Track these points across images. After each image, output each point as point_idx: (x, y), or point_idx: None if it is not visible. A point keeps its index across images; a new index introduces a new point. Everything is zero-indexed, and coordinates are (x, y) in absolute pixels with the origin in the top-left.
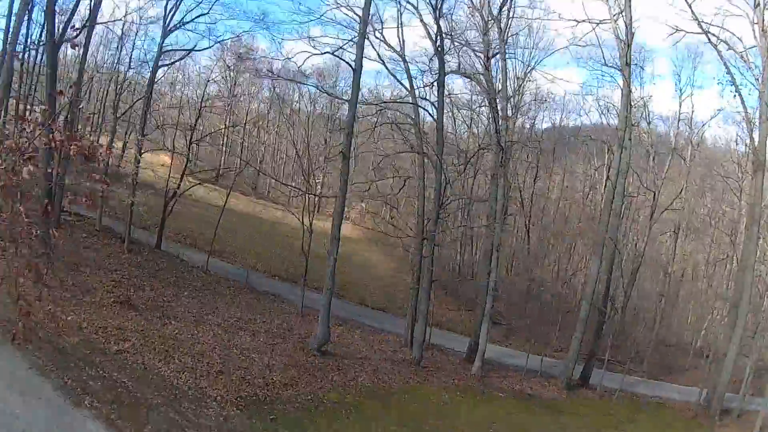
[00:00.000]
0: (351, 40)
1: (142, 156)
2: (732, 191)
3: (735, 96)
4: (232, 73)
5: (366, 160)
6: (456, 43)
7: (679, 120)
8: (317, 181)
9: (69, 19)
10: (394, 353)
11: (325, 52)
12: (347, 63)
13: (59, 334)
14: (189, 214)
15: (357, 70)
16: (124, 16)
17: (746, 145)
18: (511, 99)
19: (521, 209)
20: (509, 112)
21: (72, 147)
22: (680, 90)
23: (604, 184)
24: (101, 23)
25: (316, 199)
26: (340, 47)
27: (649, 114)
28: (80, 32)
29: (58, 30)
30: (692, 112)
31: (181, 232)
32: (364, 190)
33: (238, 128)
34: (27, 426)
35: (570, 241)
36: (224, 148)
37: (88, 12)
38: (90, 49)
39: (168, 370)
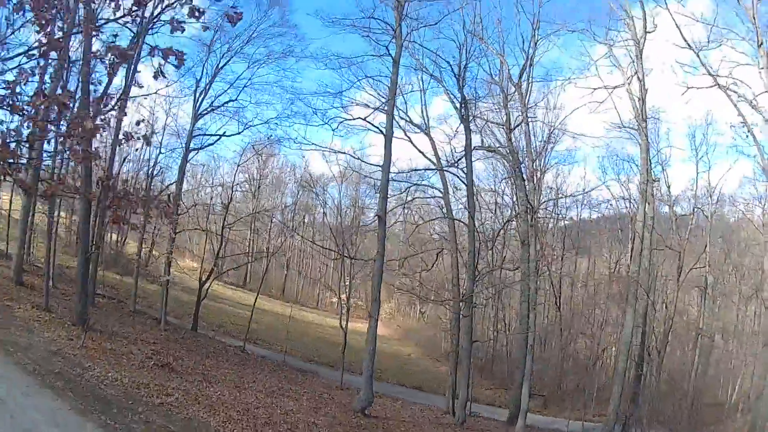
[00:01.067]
0: (379, 108)
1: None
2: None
3: (747, 136)
4: (256, 175)
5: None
6: (477, 120)
7: (697, 178)
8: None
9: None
10: (437, 418)
11: (357, 118)
12: (379, 129)
13: (99, 386)
14: (220, 309)
15: (388, 137)
16: (156, 92)
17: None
18: (536, 162)
19: (551, 287)
20: (535, 178)
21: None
22: (696, 150)
23: (629, 257)
24: (134, 96)
25: (346, 300)
26: (363, 119)
27: (667, 177)
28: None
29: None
30: (709, 170)
31: (214, 322)
32: (398, 267)
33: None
34: None
35: (600, 317)
36: (250, 254)
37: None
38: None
39: (214, 421)
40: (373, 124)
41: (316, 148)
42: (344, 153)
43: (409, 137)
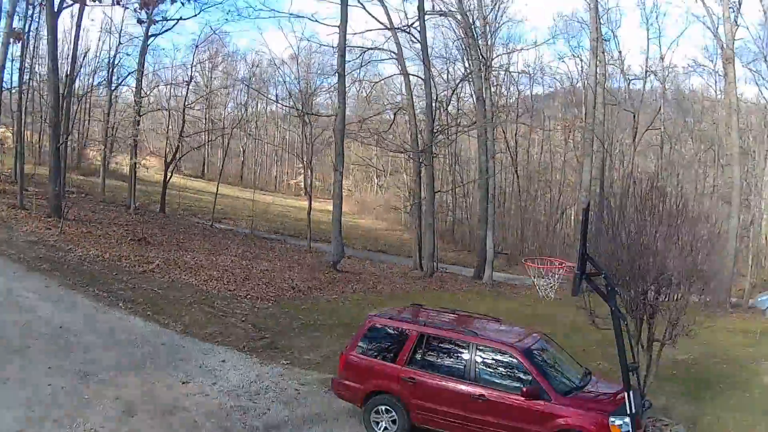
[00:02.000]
0: None
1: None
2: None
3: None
4: (207, 72)
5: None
6: None
7: (648, 44)
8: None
9: None
10: (405, 274)
11: None
12: None
13: (83, 264)
14: (183, 197)
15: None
16: None
17: (714, 43)
18: (488, 20)
19: (507, 150)
20: (488, 33)
21: None
22: (646, 18)
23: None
24: None
25: (309, 162)
26: None
27: (618, 43)
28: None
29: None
30: (659, 36)
31: (179, 206)
32: (357, 129)
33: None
34: (69, 325)
35: (559, 181)
36: (207, 146)
37: None
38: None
39: (196, 281)
40: None
41: (274, 14)
42: (302, 17)
43: (362, 4)
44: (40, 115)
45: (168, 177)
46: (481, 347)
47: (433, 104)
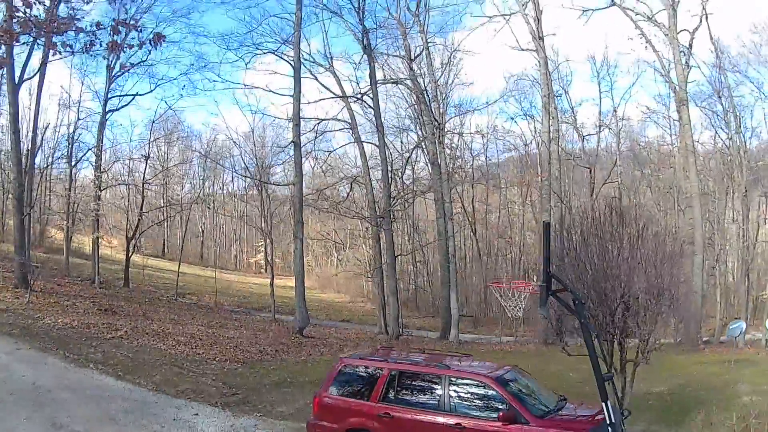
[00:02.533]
0: (286, 42)
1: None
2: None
3: (646, 48)
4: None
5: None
6: (378, 56)
7: (600, 97)
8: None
9: (26, 62)
10: (371, 338)
11: (267, 52)
12: (287, 62)
13: (52, 330)
14: (146, 274)
15: (296, 68)
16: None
17: (667, 87)
18: (439, 84)
19: (464, 215)
20: (439, 98)
21: None
22: (597, 71)
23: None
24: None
25: (269, 235)
26: (273, 52)
27: (570, 99)
28: (37, 72)
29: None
30: (611, 89)
31: (142, 282)
32: (315, 200)
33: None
34: (41, 381)
35: (519, 242)
36: (166, 224)
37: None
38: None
39: (164, 345)
40: (282, 58)
41: (229, 85)
42: (257, 87)
43: (315, 76)
44: (0, 191)
45: (130, 252)
46: (454, 379)
47: (389, 170)
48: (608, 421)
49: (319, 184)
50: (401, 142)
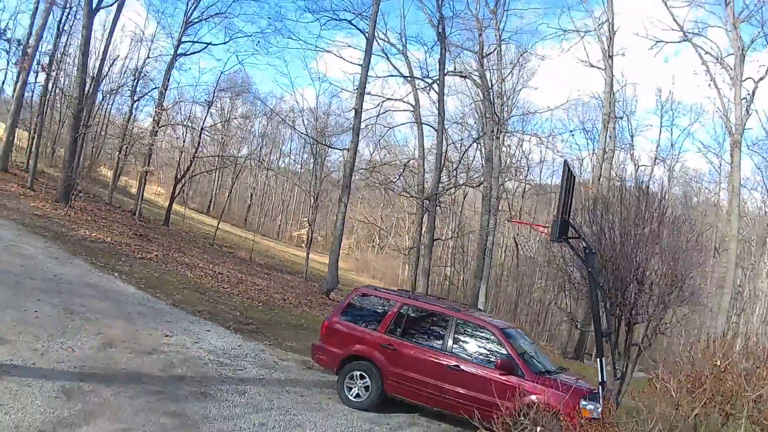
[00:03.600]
0: (362, 15)
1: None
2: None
3: (710, 84)
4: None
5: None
6: (452, 46)
7: (661, 130)
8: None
9: None
10: None
11: (343, 20)
12: (362, 31)
13: (84, 241)
14: (187, 223)
15: (369, 39)
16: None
17: (724, 127)
18: (505, 82)
19: (510, 242)
20: (504, 95)
21: None
22: (661, 105)
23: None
24: None
25: (316, 199)
26: (349, 21)
27: (631, 127)
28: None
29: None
30: (672, 125)
31: (182, 227)
32: (367, 176)
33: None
34: (64, 274)
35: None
36: (216, 179)
37: None
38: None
39: (191, 274)
40: (357, 27)
41: (303, 45)
42: (329, 51)
43: (387, 54)
44: (59, 118)
45: (176, 193)
46: (461, 322)
47: (443, 154)
48: (600, 379)
49: (374, 159)
50: (461, 139)
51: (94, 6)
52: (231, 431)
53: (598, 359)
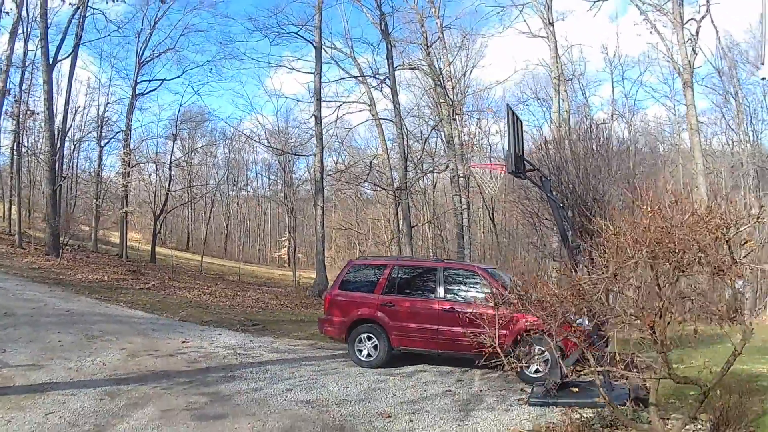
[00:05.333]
0: (307, 25)
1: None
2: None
3: (651, 32)
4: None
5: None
6: (397, 42)
7: (613, 85)
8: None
9: (60, 44)
10: None
11: (290, 33)
12: (309, 41)
13: (83, 282)
14: (170, 263)
15: (318, 48)
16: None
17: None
18: (452, 67)
19: (483, 206)
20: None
21: None
22: (610, 62)
23: None
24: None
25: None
26: (296, 33)
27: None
28: (70, 54)
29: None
30: (623, 79)
31: (168, 263)
32: (337, 179)
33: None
34: (74, 309)
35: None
36: (190, 213)
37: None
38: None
39: (190, 295)
40: (304, 38)
41: (256, 65)
42: (281, 66)
43: (336, 61)
44: (29, 180)
45: (158, 228)
46: (447, 270)
47: (406, 145)
48: None
49: (339, 166)
50: (420, 130)
51: (51, 60)
52: (262, 398)
53: (573, 269)
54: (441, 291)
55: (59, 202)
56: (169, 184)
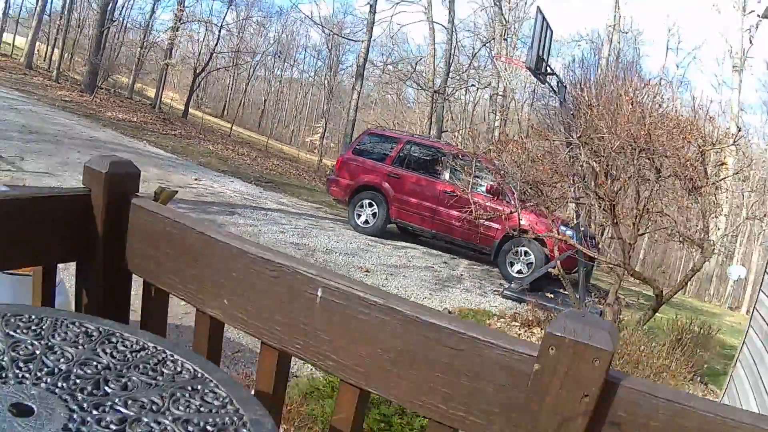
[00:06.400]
0: None
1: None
2: None
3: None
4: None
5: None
6: None
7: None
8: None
9: None
10: None
11: None
12: None
13: (111, 119)
14: (204, 124)
15: None
16: None
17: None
18: None
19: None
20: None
21: None
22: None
23: None
24: None
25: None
26: None
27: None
28: None
29: None
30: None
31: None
32: (382, 68)
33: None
34: (98, 137)
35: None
36: (231, 86)
37: None
38: None
39: (214, 148)
40: None
41: None
42: None
43: None
44: (78, 23)
45: (196, 86)
46: (455, 155)
47: (453, 51)
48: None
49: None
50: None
51: None
52: (255, 233)
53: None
54: (446, 174)
55: (104, 44)
56: (216, 44)
